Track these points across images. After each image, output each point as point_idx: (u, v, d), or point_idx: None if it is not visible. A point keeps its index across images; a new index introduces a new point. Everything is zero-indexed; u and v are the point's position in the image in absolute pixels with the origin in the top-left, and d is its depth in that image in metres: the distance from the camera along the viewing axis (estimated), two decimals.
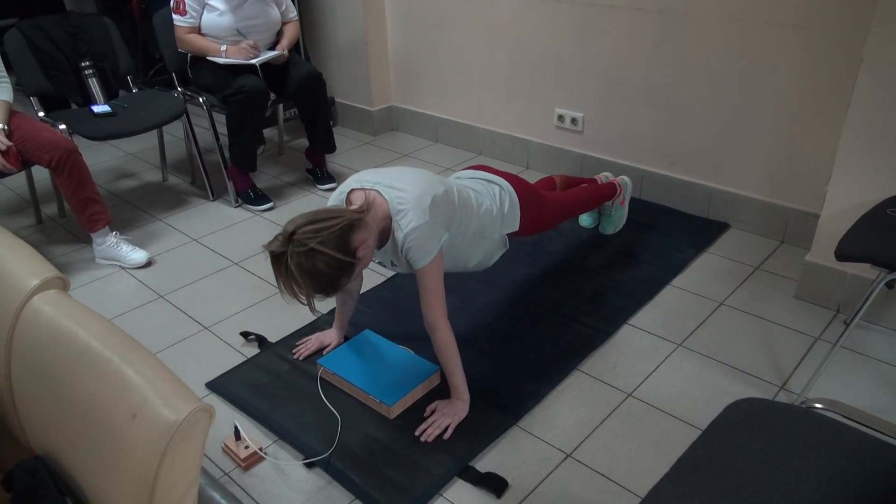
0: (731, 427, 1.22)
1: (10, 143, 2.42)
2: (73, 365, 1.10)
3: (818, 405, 1.37)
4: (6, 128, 2.44)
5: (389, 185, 1.78)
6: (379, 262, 1.92)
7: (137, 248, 2.75)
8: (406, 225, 1.72)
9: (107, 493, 1.05)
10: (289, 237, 1.58)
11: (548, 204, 2.26)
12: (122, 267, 2.71)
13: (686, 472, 1.15)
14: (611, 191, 2.63)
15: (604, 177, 2.74)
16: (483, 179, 2.10)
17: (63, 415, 1.12)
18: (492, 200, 2.03)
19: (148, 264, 2.72)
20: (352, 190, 1.82)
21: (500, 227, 2.04)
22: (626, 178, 2.72)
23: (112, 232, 2.72)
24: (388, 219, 1.75)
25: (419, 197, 1.75)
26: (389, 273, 2.56)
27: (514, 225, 2.09)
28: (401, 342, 2.14)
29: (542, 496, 1.68)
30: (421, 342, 2.14)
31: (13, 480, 1.18)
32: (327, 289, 1.63)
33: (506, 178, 2.12)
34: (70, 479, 1.15)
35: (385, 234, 1.78)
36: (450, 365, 1.85)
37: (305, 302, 1.62)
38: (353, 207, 1.74)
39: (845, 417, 1.31)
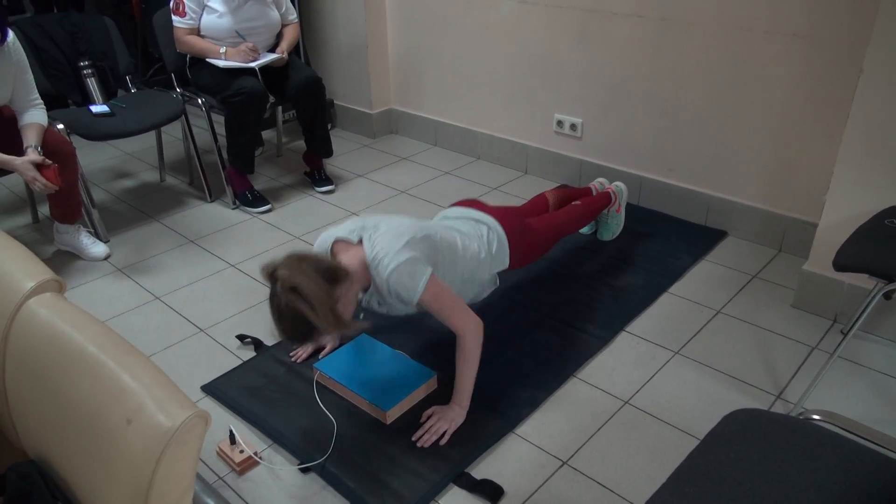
0: (728, 438, 1.22)
1: (50, 161, 2.41)
2: (68, 368, 1.10)
3: (816, 417, 1.37)
4: (40, 148, 2.44)
5: (370, 236, 1.80)
6: (365, 307, 1.92)
7: (98, 242, 2.79)
8: (384, 271, 1.74)
9: (100, 498, 1.04)
10: (274, 271, 1.62)
11: (538, 234, 2.23)
12: (118, 268, 2.70)
13: (683, 483, 1.14)
14: (605, 200, 2.63)
15: (598, 184, 2.74)
16: (470, 219, 2.08)
17: (57, 418, 1.11)
18: (479, 242, 2.02)
19: (106, 258, 2.75)
20: (336, 240, 1.84)
21: (488, 268, 2.04)
22: (620, 184, 2.72)
23: (76, 224, 2.76)
24: (367, 266, 1.79)
25: (393, 241, 1.76)
26: None
27: (504, 263, 2.09)
28: (398, 347, 2.13)
29: None
30: (418, 347, 2.14)
31: (5, 484, 1.17)
32: (300, 338, 1.67)
33: (495, 214, 2.10)
34: (63, 483, 1.14)
35: (369, 279, 1.81)
36: (466, 371, 1.85)
37: (305, 332, 1.65)
38: (340, 260, 1.76)
39: (843, 429, 1.31)
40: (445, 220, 2.10)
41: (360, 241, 1.81)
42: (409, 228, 1.83)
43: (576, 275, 2.55)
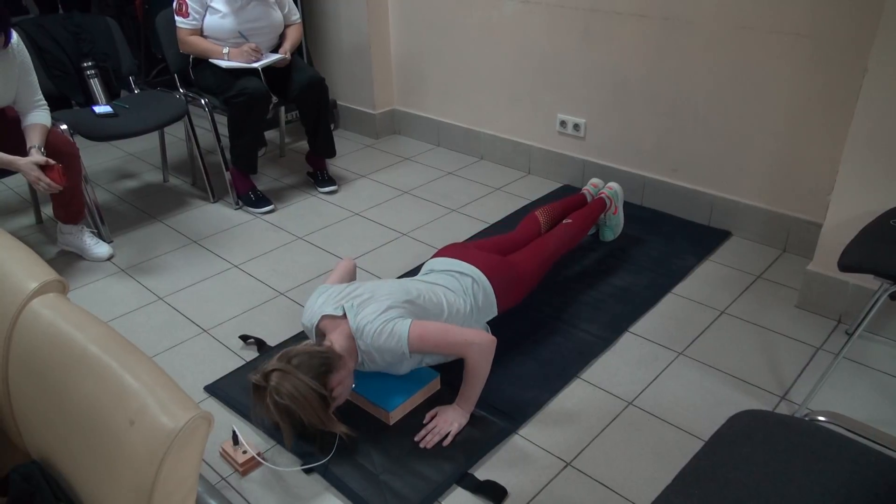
0: (733, 439, 1.22)
1: (53, 162, 2.41)
2: (71, 369, 1.09)
3: (821, 418, 1.36)
4: (43, 149, 2.44)
5: (352, 303, 1.84)
6: (363, 371, 1.94)
7: (101, 242, 2.79)
8: (367, 338, 1.79)
9: (103, 499, 1.04)
10: (269, 372, 1.66)
11: (526, 274, 2.20)
12: (121, 269, 2.70)
13: (688, 484, 1.14)
14: (599, 209, 2.60)
15: (591, 188, 2.72)
16: (455, 272, 2.08)
17: (60, 419, 1.11)
18: (465, 297, 2.02)
19: (109, 259, 2.76)
20: (322, 316, 1.87)
21: (474, 321, 2.04)
22: (614, 185, 2.70)
23: (79, 224, 2.76)
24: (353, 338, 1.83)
25: (375, 307, 1.81)
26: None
27: (492, 312, 2.09)
28: None
29: None
30: None
31: (9, 485, 1.17)
32: (299, 427, 1.72)
33: (478, 263, 2.09)
34: (66, 484, 1.14)
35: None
36: (474, 384, 1.85)
37: (297, 428, 1.73)
38: (331, 345, 1.79)
39: (848, 431, 1.30)
40: (431, 273, 2.11)
41: (345, 314, 1.84)
42: (391, 295, 1.86)
43: (579, 275, 2.54)
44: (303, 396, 1.63)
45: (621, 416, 1.92)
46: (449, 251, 2.18)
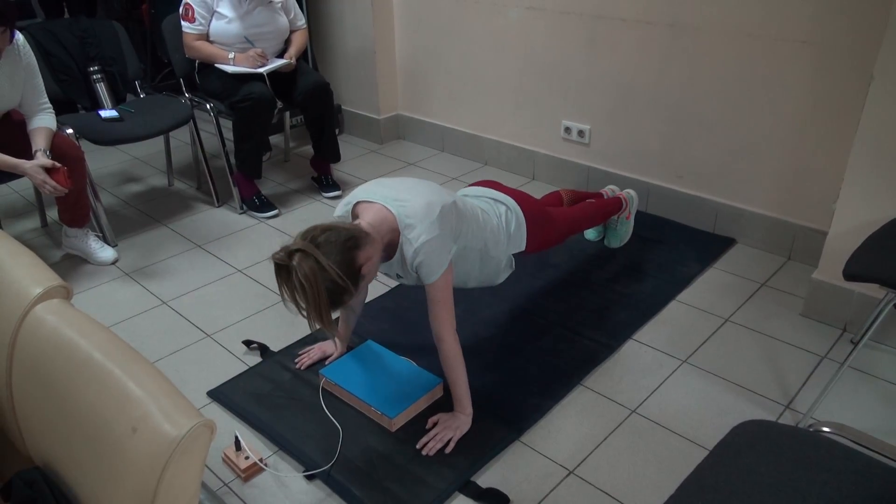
0: (737, 449, 1.21)
1: (59, 164, 2.42)
2: (74, 376, 1.09)
3: (826, 429, 1.35)
4: (49, 152, 2.45)
5: (396, 197, 1.77)
6: (384, 274, 1.91)
7: (106, 246, 2.80)
8: (415, 239, 1.71)
9: None
10: (293, 252, 1.56)
11: (554, 221, 2.25)
12: (125, 273, 2.71)
13: (691, 495, 1.13)
14: (616, 205, 2.62)
15: (609, 190, 2.73)
16: (490, 198, 2.08)
17: (63, 426, 1.11)
18: (498, 221, 2.02)
19: (114, 262, 2.77)
20: (358, 202, 1.81)
21: (505, 248, 2.03)
22: (632, 191, 2.71)
23: (84, 228, 2.77)
24: (395, 232, 1.74)
25: (426, 208, 1.74)
26: (394, 283, 2.55)
27: (521, 245, 2.08)
28: (404, 353, 2.13)
29: None
30: (424, 354, 2.13)
31: (11, 490, 1.17)
32: (331, 304, 1.60)
33: (513, 196, 2.10)
34: (69, 490, 1.14)
35: (392, 246, 1.77)
36: (455, 377, 1.84)
37: (305, 315, 1.60)
38: (359, 222, 1.73)
39: (853, 442, 1.30)
40: (465, 198, 2.09)
41: (383, 206, 1.76)
42: (438, 195, 1.79)
43: (583, 282, 2.54)
44: (329, 258, 1.54)
45: (624, 424, 1.91)
46: (483, 183, 2.20)
